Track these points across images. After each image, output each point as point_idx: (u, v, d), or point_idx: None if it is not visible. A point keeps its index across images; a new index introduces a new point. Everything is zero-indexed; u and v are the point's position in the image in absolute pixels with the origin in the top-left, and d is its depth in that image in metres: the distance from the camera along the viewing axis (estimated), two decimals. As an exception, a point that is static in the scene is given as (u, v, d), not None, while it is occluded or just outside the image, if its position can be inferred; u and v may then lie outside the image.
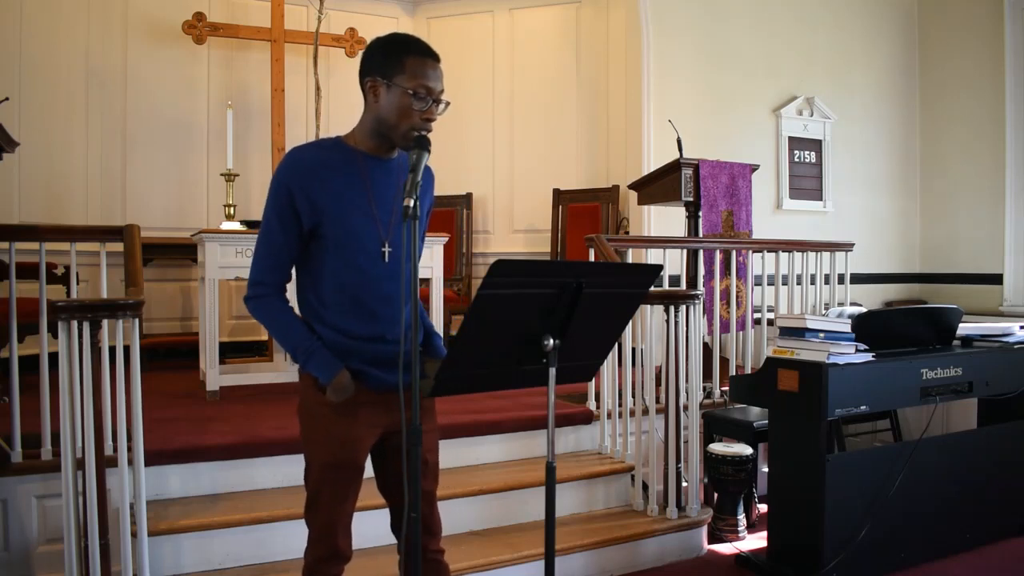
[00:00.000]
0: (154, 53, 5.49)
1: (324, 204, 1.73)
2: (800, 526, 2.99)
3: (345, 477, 1.81)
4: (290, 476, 3.01)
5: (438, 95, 1.75)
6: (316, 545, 1.84)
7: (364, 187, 1.76)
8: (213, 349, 3.95)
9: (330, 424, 1.79)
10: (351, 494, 1.84)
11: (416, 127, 1.73)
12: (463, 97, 5.96)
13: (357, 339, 1.78)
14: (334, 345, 1.77)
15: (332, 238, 1.74)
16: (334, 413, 1.78)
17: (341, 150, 1.79)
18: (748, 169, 4.37)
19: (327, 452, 1.80)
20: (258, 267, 1.78)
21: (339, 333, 1.77)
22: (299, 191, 1.72)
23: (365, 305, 1.77)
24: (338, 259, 1.76)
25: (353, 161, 1.78)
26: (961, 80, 6.17)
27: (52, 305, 2.28)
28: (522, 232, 6.10)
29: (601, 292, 1.70)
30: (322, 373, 1.75)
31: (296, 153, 1.77)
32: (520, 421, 3.46)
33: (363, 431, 1.81)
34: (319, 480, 1.82)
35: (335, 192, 1.74)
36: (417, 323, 1.62)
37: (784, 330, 3.05)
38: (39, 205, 5.07)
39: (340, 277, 1.76)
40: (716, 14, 5.59)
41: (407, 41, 1.77)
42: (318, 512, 1.82)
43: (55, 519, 2.69)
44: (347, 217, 1.74)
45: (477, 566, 2.73)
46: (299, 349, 1.76)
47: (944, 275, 6.31)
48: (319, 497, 1.82)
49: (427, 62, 1.74)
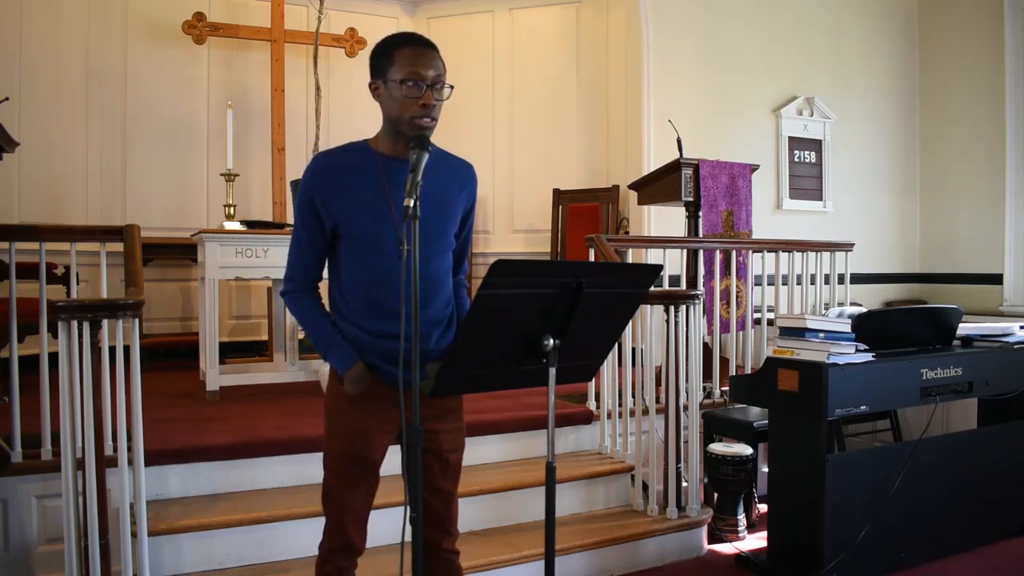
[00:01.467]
0: (154, 53, 5.49)
1: (341, 207, 1.79)
2: (800, 526, 2.98)
3: (356, 469, 1.85)
4: (290, 476, 3.01)
5: (432, 80, 1.75)
6: (329, 535, 1.89)
7: (382, 188, 1.80)
8: (213, 349, 3.95)
9: (345, 416, 1.86)
10: (363, 487, 1.88)
11: (415, 115, 1.75)
12: (463, 97, 5.93)
13: (374, 335, 1.82)
14: (353, 340, 1.83)
15: (349, 239, 1.81)
16: (349, 405, 1.84)
17: (362, 153, 1.84)
18: (748, 169, 4.37)
19: (341, 443, 1.86)
20: (290, 265, 1.89)
21: (358, 329, 1.83)
22: (318, 196, 1.80)
23: (383, 303, 1.80)
24: (356, 259, 1.82)
25: (372, 163, 1.82)
26: (961, 80, 6.17)
27: (52, 305, 2.28)
28: (522, 232, 6.10)
29: (601, 292, 1.70)
30: (339, 365, 1.83)
31: (317, 159, 1.85)
32: (520, 421, 3.46)
33: (375, 425, 1.85)
34: (333, 470, 1.88)
35: (352, 195, 1.79)
36: (417, 323, 1.61)
37: (784, 330, 3.04)
38: (39, 205, 5.07)
39: (358, 276, 1.82)
40: (716, 14, 5.59)
41: (397, 36, 1.81)
42: (331, 502, 1.88)
43: (55, 519, 2.69)
44: (363, 218, 1.79)
45: (477, 566, 2.73)
46: (320, 341, 1.86)
47: (944, 275, 6.31)
48: (332, 487, 1.88)
49: (416, 51, 1.76)
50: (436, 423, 1.87)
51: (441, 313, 1.88)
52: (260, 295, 5.68)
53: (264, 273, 4.10)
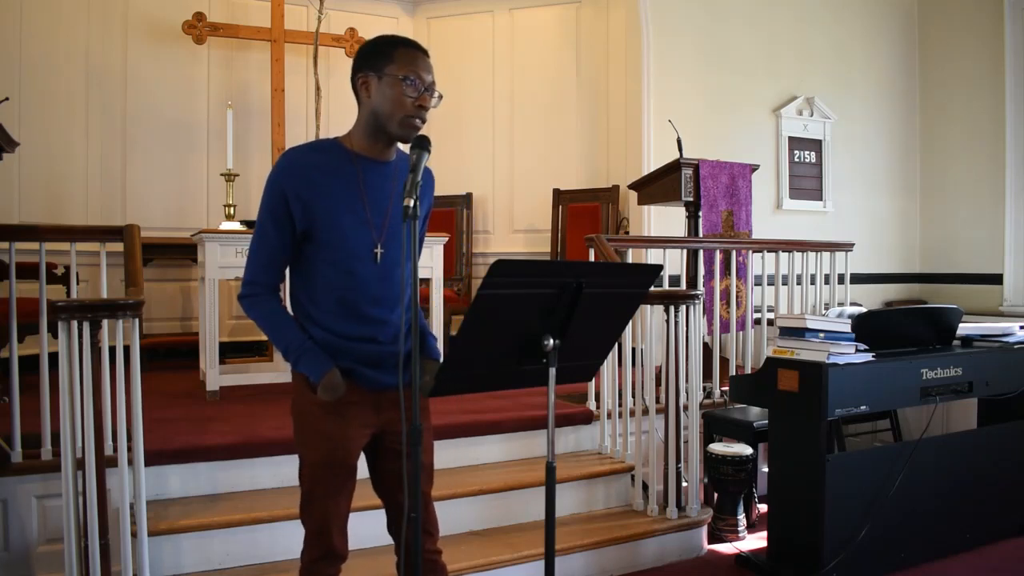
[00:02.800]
0: (154, 53, 5.49)
1: (316, 207, 1.73)
2: (800, 526, 2.98)
3: (337, 476, 1.82)
4: (290, 476, 2.99)
5: (429, 85, 1.75)
6: (311, 545, 1.84)
7: (357, 189, 1.76)
8: (213, 349, 3.95)
9: (321, 423, 1.79)
10: (344, 493, 1.84)
11: (410, 114, 1.73)
12: (463, 97, 5.97)
13: (348, 339, 1.78)
14: (325, 345, 1.77)
15: (322, 240, 1.75)
16: (324, 412, 1.78)
17: (337, 152, 1.79)
18: (748, 169, 4.37)
19: (318, 451, 1.81)
20: (252, 267, 1.79)
21: (329, 333, 1.78)
22: (292, 193, 1.72)
23: (355, 307, 1.77)
24: (328, 261, 1.76)
25: (348, 163, 1.78)
26: (961, 80, 6.17)
27: (52, 305, 2.28)
28: (522, 232, 6.10)
29: (601, 292, 1.70)
30: (312, 372, 1.75)
31: (290, 155, 1.77)
32: (520, 421, 3.46)
33: (353, 430, 1.81)
34: (311, 479, 1.82)
35: (327, 194, 1.74)
36: (417, 324, 1.61)
37: (784, 330, 3.04)
38: (39, 205, 5.07)
39: (330, 279, 1.77)
40: (716, 14, 5.59)
41: (395, 37, 1.81)
42: (312, 511, 1.83)
43: (55, 519, 2.69)
44: (338, 219, 1.74)
45: (477, 566, 2.73)
46: (290, 348, 1.77)
47: (944, 275, 6.31)
48: (312, 496, 1.83)
49: (416, 54, 1.76)
50: None
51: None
52: (260, 295, 5.67)
53: (264, 273, 4.09)
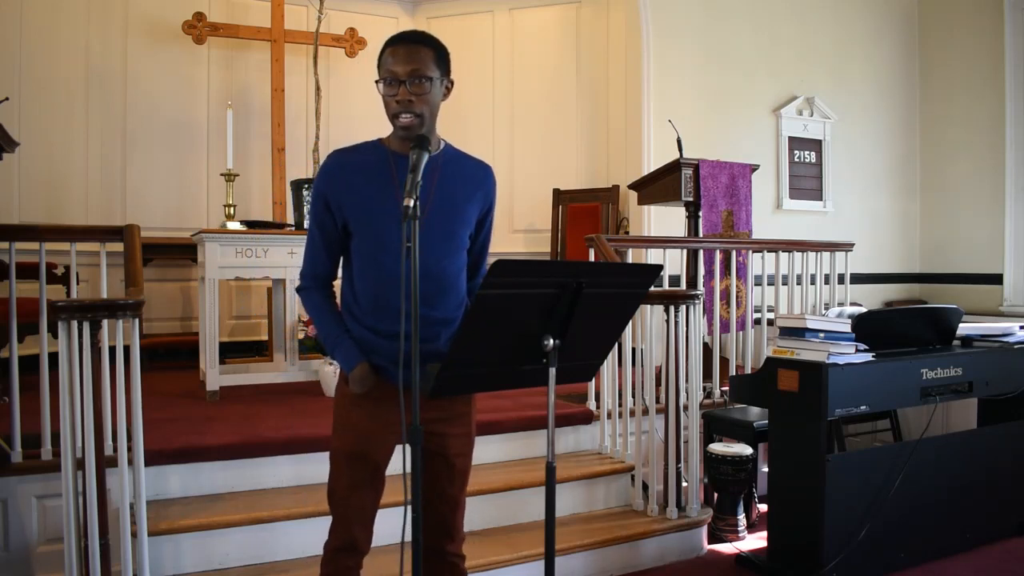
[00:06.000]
0: (154, 53, 5.49)
1: (350, 206, 1.80)
2: (800, 526, 2.98)
3: (358, 468, 1.85)
4: (290, 476, 3.01)
5: (407, 75, 1.75)
6: (334, 534, 1.88)
7: (392, 186, 1.80)
8: (213, 349, 3.95)
9: (350, 414, 1.86)
10: (367, 488, 1.87)
11: (393, 112, 1.78)
12: (463, 97, 5.94)
13: (381, 336, 1.81)
14: (362, 341, 1.83)
15: (358, 238, 1.82)
16: (354, 404, 1.85)
17: (376, 151, 1.85)
18: (748, 169, 4.37)
19: (343, 440, 1.87)
20: (304, 262, 1.92)
21: (366, 329, 1.83)
22: (331, 195, 1.82)
23: (389, 303, 1.78)
24: (364, 258, 1.82)
25: (384, 161, 1.83)
26: (961, 80, 6.17)
27: (52, 305, 2.28)
28: (522, 232, 6.10)
29: (601, 292, 1.70)
30: (344, 363, 1.84)
31: (330, 158, 1.86)
32: (520, 421, 3.45)
33: (379, 426, 1.84)
34: (338, 467, 1.88)
35: (362, 193, 1.80)
36: (417, 324, 1.61)
37: (784, 330, 3.04)
38: (39, 205, 5.07)
39: (366, 275, 1.83)
40: (716, 14, 5.59)
41: (390, 37, 1.82)
42: (335, 500, 1.88)
43: (55, 519, 2.69)
44: (371, 217, 1.79)
45: (477, 566, 2.73)
46: (328, 339, 1.87)
47: (944, 275, 6.31)
48: (337, 485, 1.88)
49: (395, 49, 1.78)
50: (445, 426, 1.85)
51: (452, 314, 1.86)
52: (260, 295, 5.67)
53: (264, 273, 4.10)
